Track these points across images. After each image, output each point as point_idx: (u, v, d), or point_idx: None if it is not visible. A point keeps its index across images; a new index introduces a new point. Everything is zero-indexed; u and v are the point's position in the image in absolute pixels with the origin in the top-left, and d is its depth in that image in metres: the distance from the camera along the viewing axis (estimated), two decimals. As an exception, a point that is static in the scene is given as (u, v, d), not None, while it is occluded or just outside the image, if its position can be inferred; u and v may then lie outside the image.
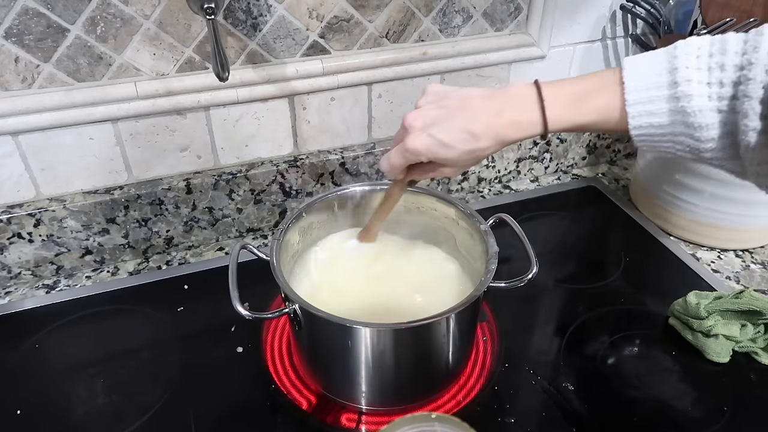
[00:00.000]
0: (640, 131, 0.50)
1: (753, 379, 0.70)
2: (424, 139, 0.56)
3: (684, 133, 0.48)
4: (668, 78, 0.48)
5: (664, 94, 0.48)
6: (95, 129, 0.77)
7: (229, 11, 0.76)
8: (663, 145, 0.50)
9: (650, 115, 0.49)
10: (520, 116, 0.54)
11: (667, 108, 0.48)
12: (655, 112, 0.48)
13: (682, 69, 0.47)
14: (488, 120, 0.55)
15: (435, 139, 0.56)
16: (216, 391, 0.68)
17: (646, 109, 0.49)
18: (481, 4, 0.89)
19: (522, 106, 0.54)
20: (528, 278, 0.63)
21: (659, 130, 0.49)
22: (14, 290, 0.82)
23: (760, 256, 0.88)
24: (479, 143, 0.55)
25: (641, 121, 0.49)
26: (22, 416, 0.65)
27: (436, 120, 0.57)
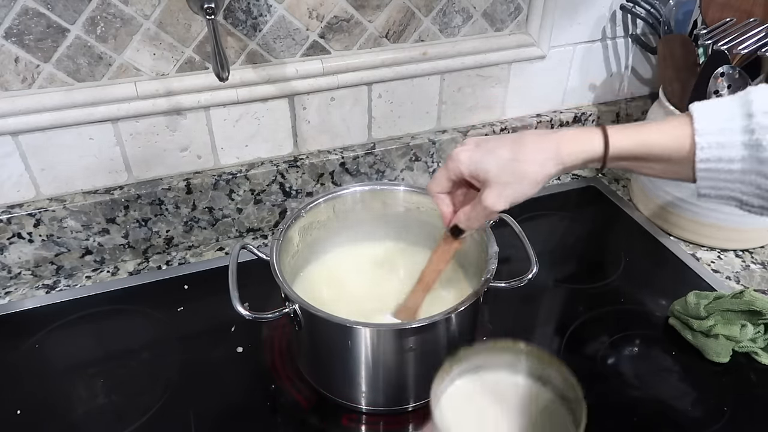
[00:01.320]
0: (707, 165, 0.47)
1: (753, 379, 0.70)
2: (471, 149, 0.54)
3: (755, 171, 0.45)
4: (742, 111, 0.46)
5: (738, 125, 0.45)
6: (95, 129, 0.77)
7: (229, 11, 0.76)
8: (729, 186, 0.47)
9: (720, 148, 0.46)
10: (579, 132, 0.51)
11: (740, 141, 0.45)
12: (726, 145, 0.46)
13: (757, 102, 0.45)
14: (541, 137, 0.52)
15: (481, 148, 0.53)
16: (216, 391, 0.68)
17: (717, 141, 0.46)
18: (481, 4, 0.89)
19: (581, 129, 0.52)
20: (528, 278, 0.63)
21: (728, 165, 0.46)
22: (14, 290, 0.82)
23: (760, 256, 0.88)
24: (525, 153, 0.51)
25: (710, 154, 0.46)
26: (22, 416, 0.65)
27: (491, 138, 0.55)
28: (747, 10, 0.82)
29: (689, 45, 0.85)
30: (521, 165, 0.51)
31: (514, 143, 0.52)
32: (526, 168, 0.51)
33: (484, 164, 0.53)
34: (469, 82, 0.95)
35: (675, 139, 0.48)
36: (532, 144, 0.51)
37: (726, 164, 0.46)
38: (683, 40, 0.86)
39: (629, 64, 1.05)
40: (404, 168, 0.96)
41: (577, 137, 0.51)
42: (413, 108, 0.94)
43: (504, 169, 0.52)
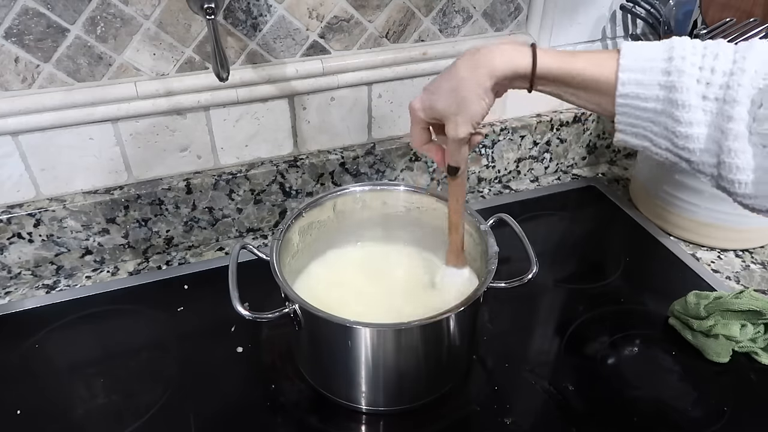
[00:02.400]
0: (626, 100, 0.49)
1: (753, 379, 0.70)
2: (419, 96, 0.58)
3: (666, 112, 0.48)
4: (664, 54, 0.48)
5: (658, 66, 0.48)
6: (95, 129, 0.77)
7: (229, 11, 0.76)
8: (642, 125, 0.50)
9: (639, 85, 0.49)
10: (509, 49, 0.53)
11: (657, 81, 0.48)
12: (645, 83, 0.48)
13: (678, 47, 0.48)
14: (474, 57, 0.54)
15: (427, 91, 0.57)
16: (216, 391, 0.68)
17: (637, 78, 0.49)
18: (481, 4, 0.89)
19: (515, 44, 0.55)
20: (528, 278, 0.63)
21: (644, 103, 0.49)
22: (14, 290, 0.82)
23: (760, 256, 0.88)
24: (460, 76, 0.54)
25: (629, 90, 0.49)
26: (22, 416, 0.65)
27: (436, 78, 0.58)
28: (747, 10, 0.82)
29: (689, 45, 0.85)
30: (461, 92, 0.54)
31: (451, 72, 0.55)
32: (466, 92, 0.54)
33: (433, 104, 0.57)
34: (469, 82, 0.95)
35: (600, 69, 0.51)
36: (465, 67, 0.54)
37: (642, 102, 0.49)
38: (683, 40, 0.86)
39: (629, 64, 1.05)
40: (404, 168, 0.96)
41: (508, 52, 0.53)
42: (413, 108, 0.94)
43: (449, 101, 0.55)
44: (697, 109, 0.47)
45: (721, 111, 0.46)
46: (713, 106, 0.46)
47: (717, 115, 0.46)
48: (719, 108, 0.46)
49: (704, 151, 0.47)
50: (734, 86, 0.45)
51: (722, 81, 0.46)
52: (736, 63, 0.46)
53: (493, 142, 1.00)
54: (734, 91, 0.45)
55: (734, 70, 0.46)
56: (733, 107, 0.45)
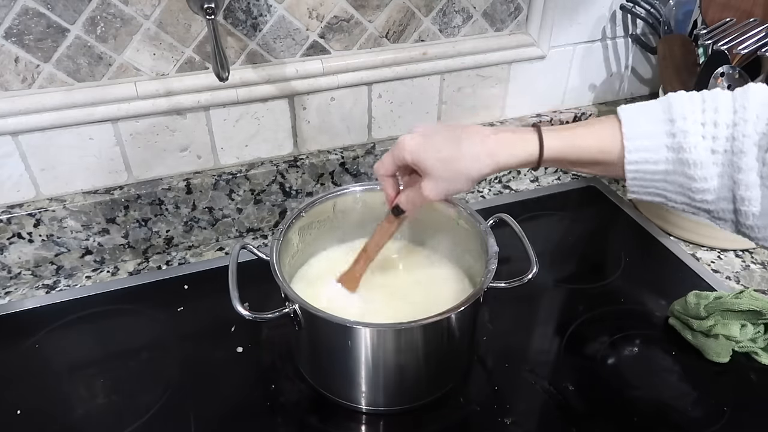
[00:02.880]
0: (636, 167, 0.50)
1: (753, 379, 0.70)
2: (416, 138, 0.57)
3: (678, 171, 0.49)
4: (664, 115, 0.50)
5: (661, 129, 0.49)
6: (95, 129, 0.77)
7: (229, 11, 0.76)
8: (654, 185, 0.51)
9: (647, 151, 0.50)
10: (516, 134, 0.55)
11: (664, 144, 0.49)
12: (652, 148, 0.50)
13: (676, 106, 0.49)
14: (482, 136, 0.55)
15: (426, 139, 0.56)
16: (216, 391, 0.68)
17: (643, 144, 0.50)
18: (481, 4, 0.89)
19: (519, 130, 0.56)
20: (528, 278, 0.63)
21: (654, 166, 0.50)
22: (14, 290, 0.82)
23: (760, 256, 0.88)
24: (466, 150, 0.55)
25: (638, 156, 0.50)
26: (22, 416, 0.65)
27: (437, 130, 0.57)
28: (747, 10, 0.82)
29: (689, 45, 0.85)
30: (459, 164, 0.55)
31: (456, 142, 0.55)
32: (463, 167, 0.55)
33: (425, 157, 0.56)
34: (469, 82, 0.95)
35: (605, 143, 0.52)
36: (471, 145, 0.55)
37: (652, 165, 0.50)
38: (683, 40, 0.86)
39: (629, 64, 1.05)
40: (404, 168, 0.96)
41: (514, 141, 0.55)
42: (413, 108, 0.94)
43: (443, 166, 0.55)
44: (708, 164, 0.48)
45: (731, 162, 0.47)
46: (722, 158, 0.48)
47: (727, 166, 0.47)
48: (728, 160, 0.47)
49: (721, 200, 0.49)
50: (739, 137, 0.47)
51: (727, 133, 0.47)
52: (737, 113, 0.47)
53: (493, 142, 1.00)
54: (740, 142, 0.47)
55: (736, 120, 0.47)
56: (740, 158, 0.46)
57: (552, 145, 0.54)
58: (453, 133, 0.56)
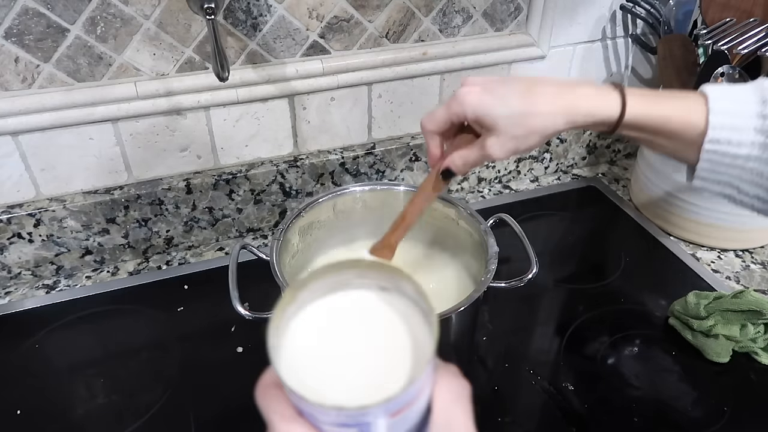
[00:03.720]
0: (715, 147, 0.46)
1: (753, 379, 0.70)
2: (478, 92, 0.50)
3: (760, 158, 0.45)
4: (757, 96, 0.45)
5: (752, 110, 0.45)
6: (95, 129, 0.77)
7: (229, 11, 0.76)
8: (729, 172, 0.46)
9: (732, 130, 0.45)
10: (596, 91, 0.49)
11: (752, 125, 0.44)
12: (739, 128, 0.45)
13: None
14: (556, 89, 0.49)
15: (491, 92, 0.50)
16: (216, 391, 0.68)
17: (731, 122, 0.45)
18: (481, 4, 0.89)
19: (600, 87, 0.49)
20: (528, 278, 0.63)
21: (735, 149, 0.45)
22: (14, 290, 0.82)
23: (760, 256, 0.88)
24: (538, 106, 0.48)
25: (721, 135, 0.45)
26: (22, 416, 0.65)
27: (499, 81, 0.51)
28: (747, 10, 0.82)
29: (689, 45, 0.85)
30: (532, 119, 0.49)
31: (527, 93, 0.49)
32: (537, 122, 0.49)
33: (493, 112, 0.50)
34: (469, 82, 0.95)
35: (688, 114, 0.47)
36: (545, 97, 0.49)
37: (735, 148, 0.45)
38: (683, 40, 0.86)
39: (629, 64, 1.05)
40: (404, 168, 0.96)
41: (594, 97, 0.49)
42: (413, 108, 0.94)
43: (513, 121, 0.49)
44: None
45: None
46: None
47: None
48: None
49: None
50: None
51: None
52: None
53: (493, 142, 1.00)
54: None
55: None
56: None
57: (634, 108, 0.48)
58: (521, 85, 0.50)
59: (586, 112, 0.49)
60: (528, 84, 0.50)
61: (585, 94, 0.49)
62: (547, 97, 0.49)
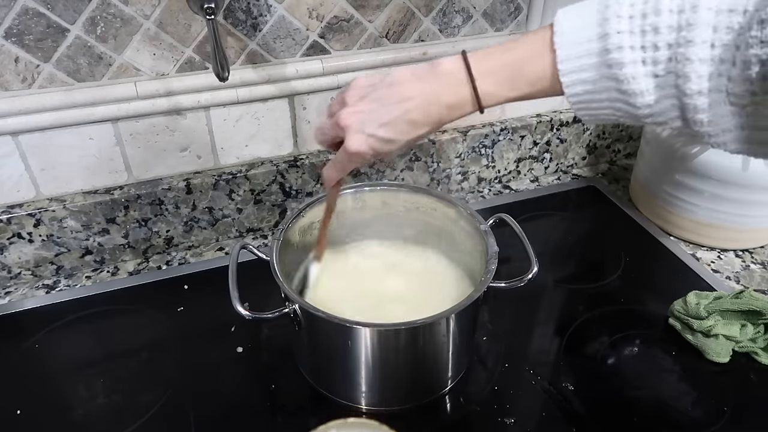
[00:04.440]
0: (577, 99, 0.48)
1: (753, 379, 0.70)
2: (365, 140, 0.54)
3: (620, 99, 0.46)
4: (599, 45, 0.46)
5: (595, 62, 0.46)
6: (95, 129, 0.77)
7: (229, 11, 0.76)
8: (602, 112, 0.48)
9: (584, 83, 0.47)
10: (454, 99, 0.52)
11: (598, 75, 0.46)
12: (589, 80, 0.47)
13: (613, 35, 0.45)
14: (425, 107, 0.53)
15: (377, 138, 0.54)
16: (216, 391, 0.68)
17: (579, 78, 0.47)
18: (481, 4, 0.89)
19: (454, 86, 0.52)
20: (528, 278, 0.63)
21: (595, 96, 0.47)
22: (14, 290, 0.82)
23: (760, 256, 0.88)
24: (419, 130, 0.54)
25: (576, 89, 0.48)
26: (22, 416, 0.65)
27: (372, 116, 0.54)
28: (747, 10, 0.82)
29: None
30: (417, 139, 0.55)
31: (408, 123, 0.53)
32: (420, 139, 0.55)
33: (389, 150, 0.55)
34: (469, 82, 0.95)
35: (542, 82, 0.49)
36: (422, 118, 0.53)
37: (593, 95, 0.47)
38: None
39: (629, 64, 1.05)
40: (404, 168, 0.96)
41: (455, 106, 0.52)
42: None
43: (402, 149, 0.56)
44: (649, 90, 0.45)
45: (673, 71, 0.43)
46: (661, 68, 0.44)
47: (666, 76, 0.44)
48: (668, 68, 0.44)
49: (673, 121, 0.46)
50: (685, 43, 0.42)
51: (670, 39, 0.43)
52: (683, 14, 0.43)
53: (493, 142, 1.00)
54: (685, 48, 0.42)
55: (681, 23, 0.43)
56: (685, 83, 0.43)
57: (491, 104, 0.52)
58: (392, 110, 0.53)
59: (453, 119, 0.54)
60: (400, 109, 0.53)
61: (448, 104, 0.52)
62: (422, 118, 0.53)
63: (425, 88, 0.53)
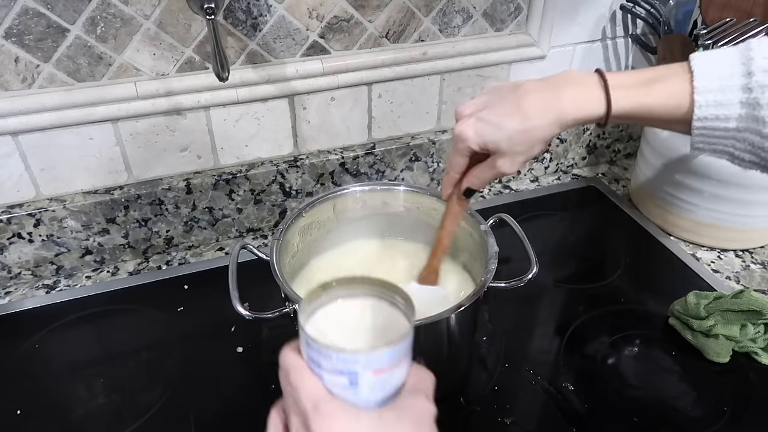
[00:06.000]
0: (704, 123, 0.47)
1: (753, 379, 0.70)
2: (472, 122, 0.54)
3: (750, 129, 0.46)
4: (742, 68, 0.46)
5: (737, 83, 0.46)
6: (95, 129, 0.77)
7: (229, 11, 0.76)
8: (722, 143, 0.48)
9: (718, 106, 0.47)
10: (580, 92, 0.51)
11: (738, 99, 0.46)
12: (725, 103, 0.46)
13: (758, 59, 0.45)
14: (542, 96, 0.52)
15: (485, 121, 0.53)
16: (216, 391, 0.68)
17: (715, 99, 0.47)
18: (481, 4, 0.89)
19: (582, 83, 0.52)
20: (528, 278, 0.63)
21: (724, 123, 0.47)
22: (14, 290, 0.82)
23: (760, 256, 0.88)
24: (532, 120, 0.51)
25: (708, 112, 0.47)
26: (22, 416, 0.65)
27: (486, 104, 0.54)
28: (747, 10, 0.82)
29: (689, 45, 0.85)
30: (530, 134, 0.52)
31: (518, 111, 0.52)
32: (535, 135, 0.52)
33: (494, 139, 0.53)
34: (469, 82, 0.95)
35: (675, 98, 0.49)
36: (535, 109, 0.52)
37: (722, 122, 0.47)
38: (683, 40, 0.86)
39: (629, 64, 1.05)
40: (404, 168, 0.96)
41: (578, 101, 0.51)
42: (413, 108, 0.94)
43: (514, 141, 0.53)
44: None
45: None
46: None
47: None
48: None
49: None
50: None
51: None
52: None
53: (493, 142, 1.00)
54: None
55: None
56: None
57: (620, 103, 0.50)
58: (509, 104, 0.53)
59: (575, 116, 0.52)
60: (515, 99, 0.53)
61: (570, 98, 0.51)
62: (537, 109, 0.52)
63: (548, 87, 0.52)
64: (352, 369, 0.35)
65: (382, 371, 0.36)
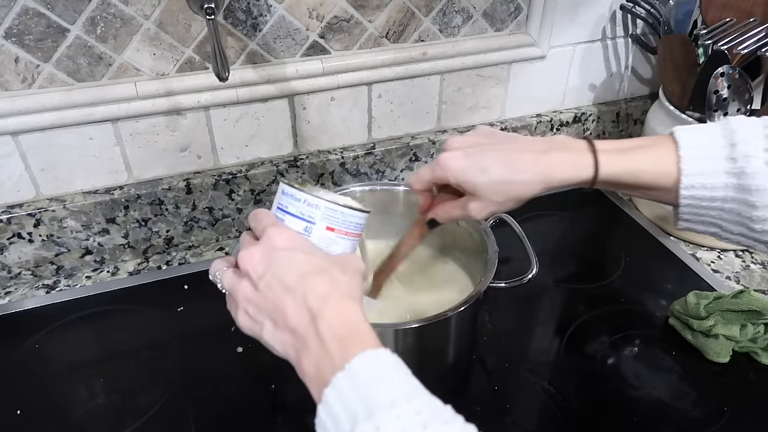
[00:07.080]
0: (691, 192, 0.48)
1: (753, 379, 0.70)
2: (460, 158, 0.53)
3: (737, 199, 0.47)
4: (725, 140, 0.47)
5: (721, 153, 0.47)
6: (95, 129, 0.77)
7: (229, 11, 0.76)
8: (710, 214, 0.49)
9: (705, 175, 0.47)
10: (569, 156, 0.52)
11: (723, 168, 0.47)
12: (710, 172, 0.47)
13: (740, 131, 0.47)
14: (534, 155, 0.52)
15: (471, 159, 0.52)
16: (216, 391, 0.68)
17: (701, 168, 0.47)
18: (481, 4, 0.89)
19: (571, 148, 0.52)
20: (528, 278, 0.63)
21: (711, 192, 0.48)
22: (14, 290, 0.82)
23: (760, 256, 0.88)
24: (518, 175, 0.51)
25: (694, 180, 0.48)
26: (22, 416, 0.65)
27: (477, 144, 0.54)
28: (747, 10, 0.82)
29: (689, 45, 0.85)
30: (511, 186, 0.52)
31: (507, 161, 0.52)
32: (515, 190, 0.52)
33: (473, 180, 0.52)
34: (469, 82, 0.95)
35: (661, 165, 0.49)
36: (523, 164, 0.52)
37: (709, 191, 0.48)
38: (683, 40, 0.86)
39: (629, 64, 1.05)
40: (404, 168, 0.96)
41: (567, 163, 0.52)
42: (413, 108, 0.94)
43: (493, 189, 0.52)
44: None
45: None
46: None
47: None
48: None
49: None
50: None
51: None
52: None
53: (493, 142, 1.00)
54: None
55: None
56: None
57: (607, 169, 0.51)
58: (500, 152, 0.53)
59: (561, 179, 0.52)
60: (508, 149, 0.53)
61: (560, 161, 0.52)
62: (525, 164, 0.52)
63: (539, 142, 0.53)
64: (312, 217, 0.46)
65: (332, 230, 0.46)
